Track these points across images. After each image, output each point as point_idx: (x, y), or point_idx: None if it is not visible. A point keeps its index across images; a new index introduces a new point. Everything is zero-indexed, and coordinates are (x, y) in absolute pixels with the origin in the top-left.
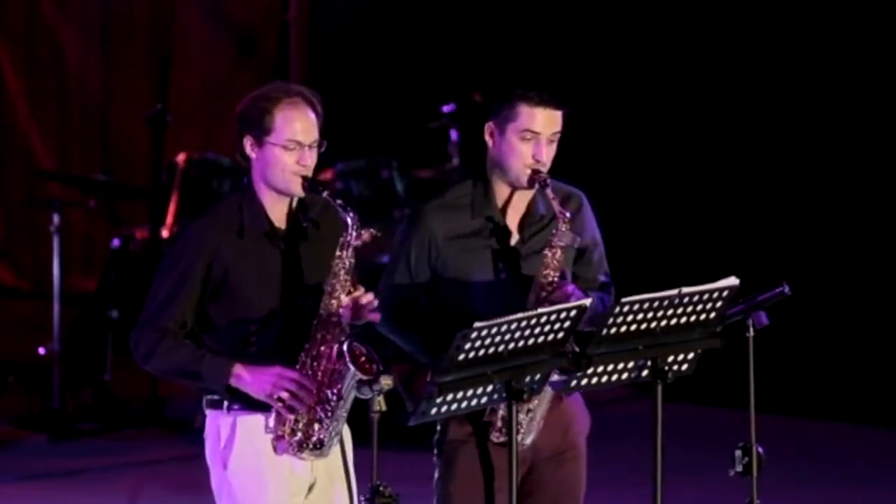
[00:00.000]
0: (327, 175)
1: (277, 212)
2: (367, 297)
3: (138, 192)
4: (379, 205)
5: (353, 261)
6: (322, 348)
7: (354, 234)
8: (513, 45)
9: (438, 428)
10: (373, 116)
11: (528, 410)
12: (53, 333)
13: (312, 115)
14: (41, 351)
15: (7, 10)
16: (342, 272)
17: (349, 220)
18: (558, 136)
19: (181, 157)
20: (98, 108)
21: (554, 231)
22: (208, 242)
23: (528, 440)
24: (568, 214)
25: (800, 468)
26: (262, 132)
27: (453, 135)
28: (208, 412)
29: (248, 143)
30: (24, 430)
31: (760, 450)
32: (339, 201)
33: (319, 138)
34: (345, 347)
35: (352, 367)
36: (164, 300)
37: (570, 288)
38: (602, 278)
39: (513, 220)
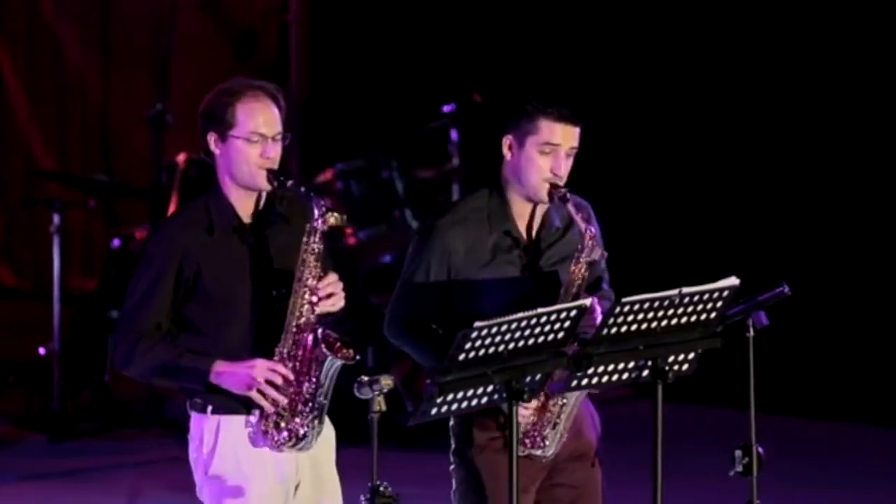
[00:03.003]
0: (327, 175)
1: (245, 207)
2: (333, 286)
3: (138, 192)
4: (379, 205)
5: (321, 246)
6: (297, 338)
7: (321, 219)
8: (507, 46)
9: (455, 437)
10: (373, 116)
11: (555, 424)
12: (53, 333)
13: (275, 109)
14: (41, 351)
15: (7, 10)
16: (311, 258)
17: (314, 206)
18: (575, 151)
19: (181, 157)
20: (98, 108)
21: (580, 246)
22: (178, 243)
23: (551, 452)
24: (594, 230)
25: (800, 468)
26: (224, 126)
27: (453, 135)
28: (192, 415)
29: (211, 139)
30: (23, 430)
31: (760, 450)
32: (302, 189)
33: (283, 131)
34: (319, 335)
35: (328, 354)
36: (137, 303)
37: (595, 304)
38: (604, 286)
39: (529, 232)
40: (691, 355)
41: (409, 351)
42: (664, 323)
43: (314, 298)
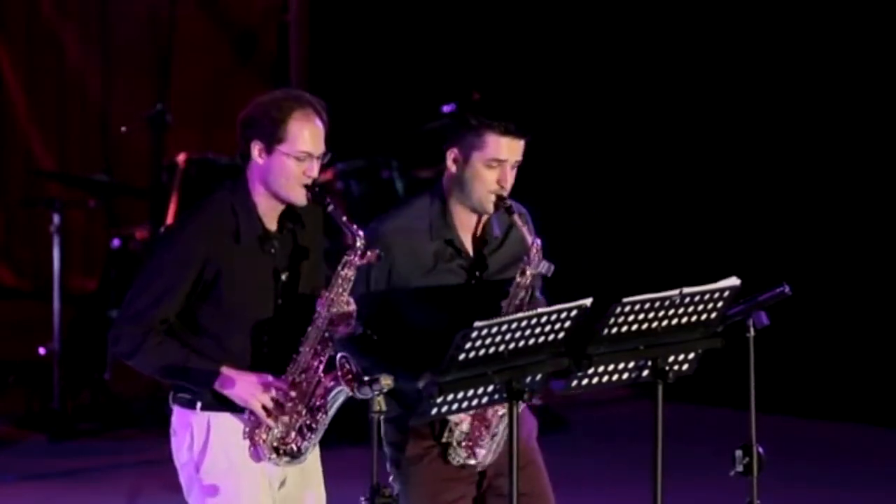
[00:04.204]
0: (327, 175)
1: (270, 215)
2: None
3: (138, 192)
4: (379, 205)
5: (353, 279)
6: (311, 360)
7: (359, 253)
8: (508, 46)
9: (390, 445)
10: (373, 116)
11: (494, 434)
12: (53, 333)
13: (321, 126)
14: (41, 351)
15: (7, 10)
16: (340, 289)
17: (356, 240)
18: (520, 163)
19: (181, 157)
20: (98, 108)
21: (525, 258)
22: (204, 245)
23: (488, 461)
24: (540, 242)
25: (800, 468)
26: (273, 140)
27: None
28: (177, 409)
29: (255, 148)
30: (24, 430)
31: (760, 450)
32: (344, 218)
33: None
34: (337, 361)
35: (342, 384)
36: (153, 299)
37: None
38: (538, 295)
39: (469, 241)
40: (691, 355)
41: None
42: (664, 323)
43: (333, 327)
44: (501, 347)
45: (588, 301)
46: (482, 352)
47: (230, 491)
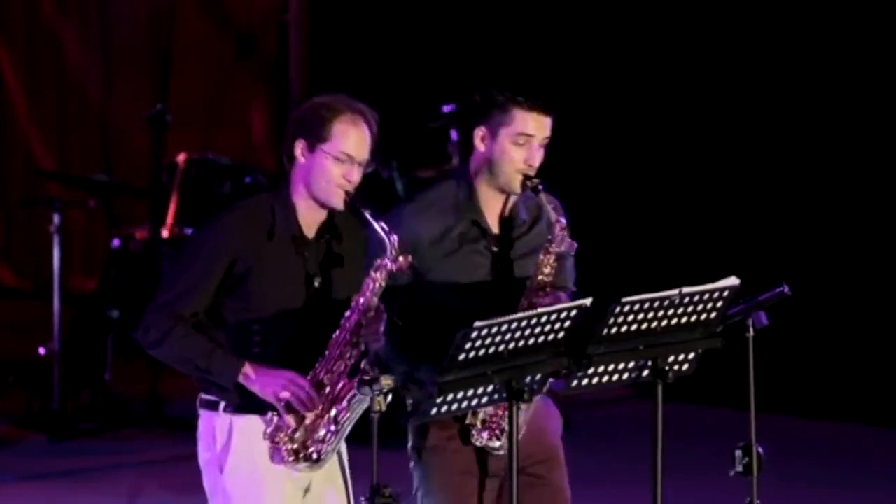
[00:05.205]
0: None
1: (309, 219)
2: (378, 324)
3: (138, 192)
4: (379, 205)
5: (384, 284)
6: (338, 364)
7: (391, 258)
8: (508, 47)
9: (413, 434)
10: None
11: (503, 431)
12: (53, 333)
13: (369, 134)
14: (41, 351)
15: (7, 10)
16: (370, 293)
17: (388, 245)
18: (548, 141)
19: (181, 157)
20: (98, 108)
21: (550, 237)
22: (237, 240)
23: (503, 452)
24: (564, 221)
25: (800, 468)
26: (317, 139)
27: (453, 135)
28: (202, 412)
29: (299, 146)
30: (23, 430)
31: (760, 450)
32: (381, 224)
33: (369, 158)
34: (361, 369)
35: (362, 391)
36: (183, 289)
37: (563, 296)
38: (572, 287)
39: (496, 224)
40: (691, 355)
41: None
42: (664, 323)
43: (360, 333)
44: (501, 347)
45: (588, 301)
46: (482, 351)
47: (254, 492)
